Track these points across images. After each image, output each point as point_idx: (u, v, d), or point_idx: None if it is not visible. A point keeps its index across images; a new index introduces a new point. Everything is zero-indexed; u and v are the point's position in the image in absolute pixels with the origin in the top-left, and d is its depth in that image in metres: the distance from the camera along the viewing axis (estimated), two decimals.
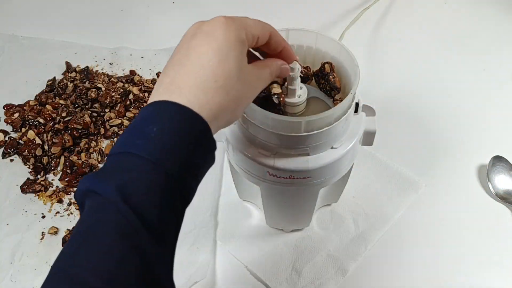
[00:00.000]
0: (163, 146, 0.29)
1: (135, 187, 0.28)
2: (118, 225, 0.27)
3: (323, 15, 0.84)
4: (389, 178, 0.62)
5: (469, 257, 0.56)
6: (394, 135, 0.66)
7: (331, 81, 0.43)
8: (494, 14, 0.85)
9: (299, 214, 0.54)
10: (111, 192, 0.28)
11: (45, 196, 0.61)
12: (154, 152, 0.29)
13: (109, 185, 0.28)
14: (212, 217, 0.58)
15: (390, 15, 0.85)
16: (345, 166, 0.46)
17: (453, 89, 0.73)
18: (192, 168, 0.31)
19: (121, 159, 0.29)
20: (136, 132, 0.30)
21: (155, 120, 0.30)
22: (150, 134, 0.29)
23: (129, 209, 0.27)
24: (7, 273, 0.55)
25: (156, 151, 0.29)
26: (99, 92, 0.70)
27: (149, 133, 0.29)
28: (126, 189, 0.28)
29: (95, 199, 0.28)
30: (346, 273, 0.54)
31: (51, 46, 0.80)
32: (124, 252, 0.27)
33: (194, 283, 0.53)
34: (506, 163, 0.62)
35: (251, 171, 0.44)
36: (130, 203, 0.27)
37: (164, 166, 0.29)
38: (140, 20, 0.85)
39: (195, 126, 0.30)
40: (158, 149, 0.29)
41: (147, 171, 0.29)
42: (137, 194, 0.28)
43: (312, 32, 0.45)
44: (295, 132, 0.39)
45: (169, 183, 0.29)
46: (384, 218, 0.58)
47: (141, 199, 0.28)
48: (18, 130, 0.68)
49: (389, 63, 0.77)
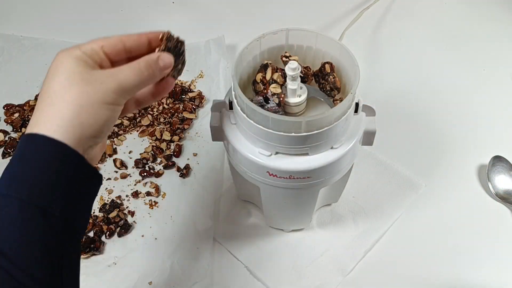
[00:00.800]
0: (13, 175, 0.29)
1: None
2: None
3: (323, 15, 0.84)
4: (389, 178, 0.62)
5: (469, 257, 0.56)
6: (394, 135, 0.66)
7: (331, 81, 0.43)
8: (494, 14, 0.85)
9: (299, 214, 0.54)
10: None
11: None
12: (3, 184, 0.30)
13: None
14: (212, 217, 0.58)
15: (390, 15, 0.85)
16: (345, 166, 0.46)
17: (453, 89, 0.73)
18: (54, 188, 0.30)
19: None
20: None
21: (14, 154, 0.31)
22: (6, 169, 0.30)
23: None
24: None
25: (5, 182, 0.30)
26: None
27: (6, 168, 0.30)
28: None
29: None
30: (346, 273, 0.54)
31: (51, 46, 0.80)
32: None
33: (194, 283, 0.53)
34: (506, 163, 0.62)
35: (251, 171, 0.44)
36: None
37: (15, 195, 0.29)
38: (140, 20, 0.85)
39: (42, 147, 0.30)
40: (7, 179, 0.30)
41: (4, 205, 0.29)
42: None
43: (312, 32, 0.45)
44: (295, 132, 0.39)
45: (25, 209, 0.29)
46: (384, 218, 0.58)
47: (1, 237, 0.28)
48: (18, 130, 0.68)
49: (389, 63, 0.77)
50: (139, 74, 0.34)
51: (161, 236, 0.57)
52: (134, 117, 0.69)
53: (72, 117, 0.30)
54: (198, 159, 0.65)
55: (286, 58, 0.44)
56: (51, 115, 0.30)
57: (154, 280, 0.54)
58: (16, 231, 0.28)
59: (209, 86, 0.73)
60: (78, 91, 0.31)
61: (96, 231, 0.57)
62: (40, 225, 0.29)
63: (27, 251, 0.28)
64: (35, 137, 0.30)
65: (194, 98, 0.71)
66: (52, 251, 0.29)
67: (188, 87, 0.73)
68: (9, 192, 0.28)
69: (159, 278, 0.54)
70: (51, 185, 0.29)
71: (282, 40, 0.46)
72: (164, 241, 0.57)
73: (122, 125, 0.68)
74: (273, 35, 0.45)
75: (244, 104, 0.40)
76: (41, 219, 0.29)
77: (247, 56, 0.44)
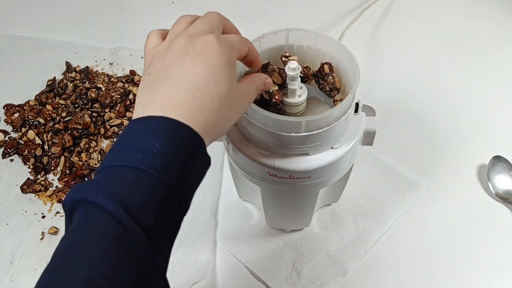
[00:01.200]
0: (164, 161, 0.30)
1: (136, 199, 0.28)
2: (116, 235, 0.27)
3: (323, 15, 0.84)
4: (389, 178, 0.62)
5: (469, 257, 0.56)
6: (394, 135, 0.66)
7: (331, 81, 0.43)
8: (494, 14, 0.85)
9: (299, 214, 0.54)
10: (110, 203, 0.28)
11: (45, 196, 0.61)
12: (156, 167, 0.29)
13: (108, 196, 0.28)
14: (212, 217, 0.58)
15: (390, 15, 0.85)
16: (345, 166, 0.46)
17: (453, 89, 0.73)
18: (189, 181, 0.32)
19: (120, 172, 0.30)
20: (135, 147, 0.30)
21: (156, 136, 0.30)
22: (152, 150, 0.30)
23: (131, 220, 0.28)
24: (7, 273, 0.55)
25: (158, 166, 0.29)
26: (99, 92, 0.70)
27: (151, 148, 0.30)
28: (127, 201, 0.28)
29: (90, 209, 0.28)
30: (346, 273, 0.54)
31: (51, 46, 0.80)
32: (122, 258, 0.27)
33: (194, 283, 0.53)
34: (506, 163, 0.62)
35: (251, 171, 0.44)
36: (131, 214, 0.28)
37: (165, 181, 0.30)
38: (140, 20, 0.85)
39: (193, 143, 0.32)
40: (160, 164, 0.30)
41: (148, 184, 0.29)
42: (137, 206, 0.28)
43: (312, 32, 0.45)
44: (295, 132, 0.39)
45: (169, 196, 0.30)
46: (384, 218, 0.58)
47: (142, 211, 0.28)
48: (18, 130, 0.68)
49: (389, 63, 0.77)
50: (257, 91, 0.38)
51: None
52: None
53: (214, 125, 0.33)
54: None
55: (286, 58, 0.44)
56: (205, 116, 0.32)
57: None
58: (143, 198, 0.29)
59: None
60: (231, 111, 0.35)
61: None
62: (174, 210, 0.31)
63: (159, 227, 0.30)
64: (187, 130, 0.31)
65: None
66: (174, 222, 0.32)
67: None
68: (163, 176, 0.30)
69: None
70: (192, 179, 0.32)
71: (282, 40, 0.46)
72: None
73: (122, 125, 0.68)
74: (273, 35, 0.45)
75: None
76: (177, 205, 0.31)
77: None
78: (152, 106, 0.32)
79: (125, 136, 0.31)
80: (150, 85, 0.33)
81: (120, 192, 0.28)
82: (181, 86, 0.32)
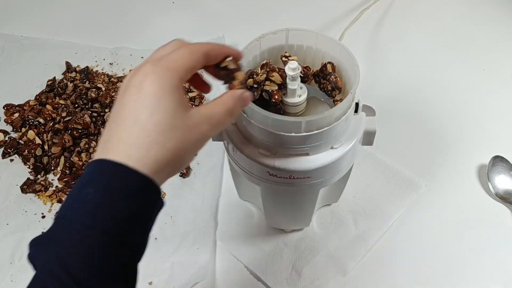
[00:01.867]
0: (98, 207, 0.29)
1: (73, 255, 0.28)
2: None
3: (323, 15, 0.84)
4: (389, 178, 0.62)
5: (469, 257, 0.56)
6: (394, 135, 0.66)
7: (333, 81, 0.43)
8: (494, 14, 0.85)
9: (299, 214, 0.54)
10: (51, 261, 0.28)
11: (45, 196, 0.61)
12: (89, 215, 0.29)
13: (50, 254, 0.28)
14: (212, 217, 0.58)
15: (390, 15, 0.85)
16: (345, 166, 0.46)
17: (453, 89, 0.73)
18: (133, 221, 0.30)
19: (61, 224, 0.30)
20: (74, 196, 0.30)
21: (91, 181, 0.30)
22: (86, 197, 0.29)
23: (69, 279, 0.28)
24: (7, 273, 0.55)
25: (90, 213, 0.29)
26: (99, 92, 0.70)
27: (86, 195, 0.29)
28: (65, 258, 0.28)
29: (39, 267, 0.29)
30: (346, 273, 0.54)
31: (51, 46, 0.80)
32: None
33: (195, 283, 0.53)
34: (506, 163, 0.62)
35: (251, 171, 0.44)
36: (69, 273, 0.28)
37: (100, 227, 0.29)
38: (140, 20, 0.85)
39: (131, 180, 0.30)
40: (92, 211, 0.29)
41: (83, 236, 0.29)
42: (75, 262, 0.28)
43: (312, 32, 0.45)
44: (295, 132, 0.39)
45: (108, 242, 0.29)
46: (384, 218, 0.58)
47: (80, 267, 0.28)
48: (18, 130, 0.68)
49: (389, 63, 0.77)
50: (228, 112, 0.34)
51: (161, 236, 0.57)
52: None
53: (168, 161, 0.31)
54: (198, 159, 0.65)
55: (286, 58, 0.44)
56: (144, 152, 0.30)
57: (154, 280, 0.54)
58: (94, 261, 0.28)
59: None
60: (179, 140, 0.31)
61: None
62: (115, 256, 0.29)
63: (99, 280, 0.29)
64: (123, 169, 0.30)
65: (194, 98, 0.71)
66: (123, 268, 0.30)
67: (188, 87, 0.73)
68: (94, 223, 0.29)
69: (159, 278, 0.54)
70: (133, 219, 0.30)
71: (282, 40, 0.46)
72: (164, 241, 0.56)
73: None
74: (273, 35, 0.45)
75: None
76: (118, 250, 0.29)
77: (247, 56, 0.44)
78: (98, 150, 0.32)
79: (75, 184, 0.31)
80: (105, 126, 0.33)
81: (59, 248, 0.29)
82: (119, 126, 0.31)
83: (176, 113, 0.31)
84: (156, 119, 0.30)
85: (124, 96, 0.32)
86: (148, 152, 0.30)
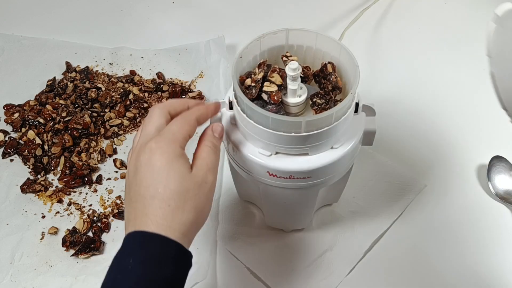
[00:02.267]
0: (140, 275, 0.33)
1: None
2: None
3: (323, 15, 0.85)
4: (389, 178, 0.62)
5: (469, 257, 0.56)
6: (394, 135, 0.66)
7: (333, 80, 0.43)
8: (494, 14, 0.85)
9: (299, 214, 0.54)
10: None
11: (45, 196, 0.61)
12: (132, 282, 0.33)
13: None
14: (212, 217, 0.58)
15: (390, 15, 0.85)
16: (345, 166, 0.46)
17: (453, 89, 0.73)
18: (172, 283, 0.34)
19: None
20: (116, 266, 0.34)
21: (131, 252, 0.34)
22: (127, 267, 0.33)
23: None
24: (7, 273, 0.55)
25: (133, 281, 0.33)
26: (99, 92, 0.70)
27: (126, 266, 0.34)
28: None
29: None
30: (346, 273, 0.54)
31: (51, 46, 0.80)
32: None
33: (195, 283, 0.53)
34: (506, 163, 0.62)
35: (251, 171, 0.44)
36: None
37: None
38: (140, 20, 0.85)
39: (165, 247, 0.34)
40: (135, 279, 0.33)
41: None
42: None
43: (312, 32, 0.45)
44: (295, 132, 0.39)
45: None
46: (384, 218, 0.58)
47: None
48: (18, 130, 0.68)
49: (389, 63, 0.77)
50: (215, 152, 0.40)
51: None
52: (134, 117, 0.69)
53: (192, 220, 0.36)
54: None
55: (286, 58, 0.44)
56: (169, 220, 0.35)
57: None
58: None
59: (209, 86, 0.73)
60: (195, 199, 0.36)
61: (95, 231, 0.57)
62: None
63: None
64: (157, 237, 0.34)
65: (194, 98, 0.71)
66: None
67: (188, 87, 0.73)
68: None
69: None
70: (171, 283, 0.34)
71: (282, 40, 0.46)
72: None
73: (122, 125, 0.68)
74: (273, 35, 0.45)
75: (244, 104, 0.40)
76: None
77: (247, 56, 0.44)
78: (127, 228, 0.36)
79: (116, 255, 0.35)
80: (126, 209, 0.38)
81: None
82: (143, 202, 0.35)
83: (186, 176, 0.36)
84: (172, 188, 0.35)
85: (137, 175, 0.36)
86: (173, 219, 0.35)
